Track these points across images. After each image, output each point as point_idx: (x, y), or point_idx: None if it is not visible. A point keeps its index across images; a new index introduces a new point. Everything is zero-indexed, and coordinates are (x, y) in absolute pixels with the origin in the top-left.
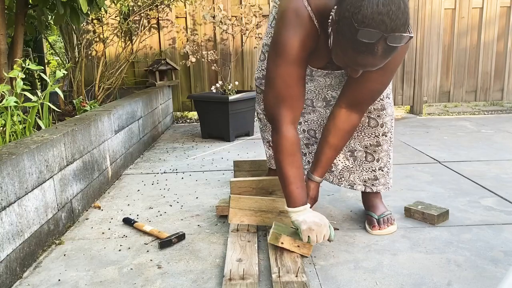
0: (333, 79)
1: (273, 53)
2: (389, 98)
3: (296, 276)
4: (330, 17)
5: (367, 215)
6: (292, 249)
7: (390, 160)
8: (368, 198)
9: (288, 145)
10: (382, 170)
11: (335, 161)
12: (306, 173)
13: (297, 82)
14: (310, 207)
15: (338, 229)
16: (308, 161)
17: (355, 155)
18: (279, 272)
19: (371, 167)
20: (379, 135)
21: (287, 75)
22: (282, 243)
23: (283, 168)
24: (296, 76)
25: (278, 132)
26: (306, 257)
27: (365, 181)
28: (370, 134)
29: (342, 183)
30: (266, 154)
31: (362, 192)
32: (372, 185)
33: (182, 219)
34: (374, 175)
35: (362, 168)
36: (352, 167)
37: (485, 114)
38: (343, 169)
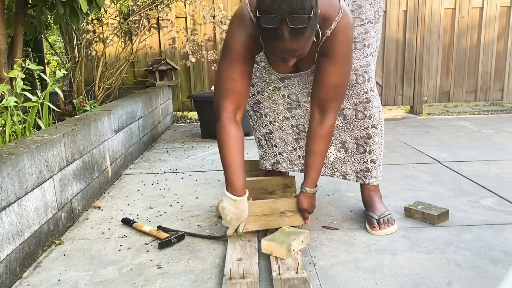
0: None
1: (222, 52)
2: (373, 91)
3: (297, 272)
4: None
5: (367, 216)
6: (298, 247)
7: (381, 153)
8: (368, 198)
9: (226, 135)
10: (374, 163)
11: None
12: (300, 168)
13: (240, 77)
14: (305, 221)
15: (338, 229)
16: (299, 155)
17: (346, 147)
18: (279, 270)
19: (363, 158)
20: (368, 127)
21: (230, 70)
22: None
23: (223, 154)
24: (238, 72)
25: (219, 122)
26: (306, 257)
27: (357, 172)
28: (359, 126)
29: (335, 174)
30: (258, 154)
31: (361, 191)
32: (364, 177)
33: (182, 219)
34: (366, 167)
35: (354, 159)
36: (344, 158)
37: (485, 114)
38: (335, 161)
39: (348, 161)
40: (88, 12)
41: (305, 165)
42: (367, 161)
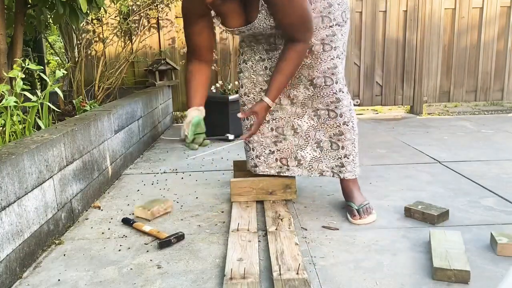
0: (293, 79)
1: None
2: (342, 92)
3: (297, 273)
4: None
5: (347, 206)
6: None
7: (355, 149)
8: (347, 189)
9: (191, 73)
10: (348, 158)
11: (303, 154)
12: (276, 171)
13: (196, 35)
14: (249, 133)
15: (338, 229)
16: (276, 158)
17: (321, 146)
18: (280, 270)
19: (337, 155)
20: (340, 124)
21: (186, 31)
22: None
23: (188, 84)
24: (193, 32)
25: (187, 70)
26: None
27: (332, 168)
28: (332, 125)
29: (312, 173)
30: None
31: (341, 184)
32: (339, 171)
33: (182, 219)
34: (340, 162)
35: (329, 157)
36: (319, 157)
37: (485, 114)
38: (311, 160)
39: (324, 159)
40: (88, 12)
41: (270, 80)
42: (341, 156)
